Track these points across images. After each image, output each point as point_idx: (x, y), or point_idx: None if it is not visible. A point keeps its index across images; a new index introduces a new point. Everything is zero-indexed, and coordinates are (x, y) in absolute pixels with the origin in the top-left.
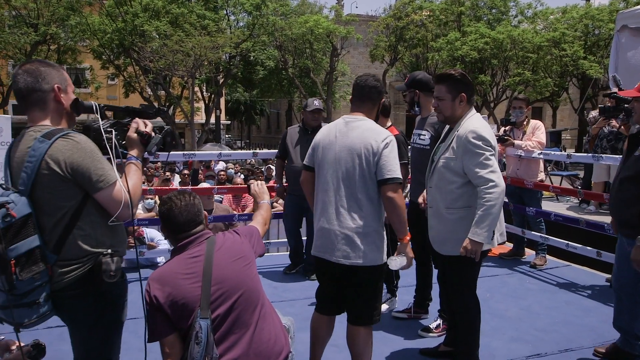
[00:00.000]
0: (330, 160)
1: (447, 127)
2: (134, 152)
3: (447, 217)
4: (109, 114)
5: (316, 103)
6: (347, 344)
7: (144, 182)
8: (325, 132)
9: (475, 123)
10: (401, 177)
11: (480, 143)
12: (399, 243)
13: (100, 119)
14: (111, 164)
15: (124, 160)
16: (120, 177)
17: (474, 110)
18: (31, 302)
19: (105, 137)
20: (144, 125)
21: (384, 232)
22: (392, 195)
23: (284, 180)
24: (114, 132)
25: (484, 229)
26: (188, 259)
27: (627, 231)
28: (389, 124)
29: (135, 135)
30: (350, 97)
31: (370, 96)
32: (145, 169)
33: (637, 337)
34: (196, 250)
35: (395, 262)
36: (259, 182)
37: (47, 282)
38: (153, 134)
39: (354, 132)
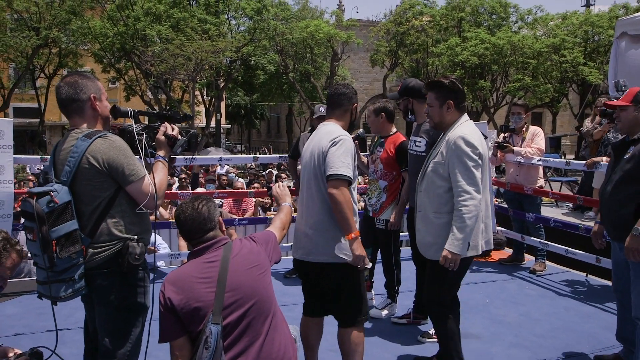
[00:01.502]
0: (303, 166)
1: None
2: (161, 152)
3: (434, 221)
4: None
5: (322, 110)
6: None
7: None
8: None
9: (465, 129)
10: (345, 174)
11: (468, 150)
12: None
13: (134, 123)
14: (141, 161)
15: (153, 159)
16: (149, 174)
17: (465, 117)
18: (67, 278)
19: (137, 139)
20: (172, 129)
21: None
22: (332, 192)
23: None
24: (144, 135)
25: (460, 240)
26: (204, 263)
27: (622, 234)
28: (394, 130)
29: (163, 137)
30: None
31: (340, 102)
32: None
33: None
34: (213, 255)
35: (341, 247)
36: (281, 183)
37: (82, 261)
38: (179, 136)
39: (316, 137)
